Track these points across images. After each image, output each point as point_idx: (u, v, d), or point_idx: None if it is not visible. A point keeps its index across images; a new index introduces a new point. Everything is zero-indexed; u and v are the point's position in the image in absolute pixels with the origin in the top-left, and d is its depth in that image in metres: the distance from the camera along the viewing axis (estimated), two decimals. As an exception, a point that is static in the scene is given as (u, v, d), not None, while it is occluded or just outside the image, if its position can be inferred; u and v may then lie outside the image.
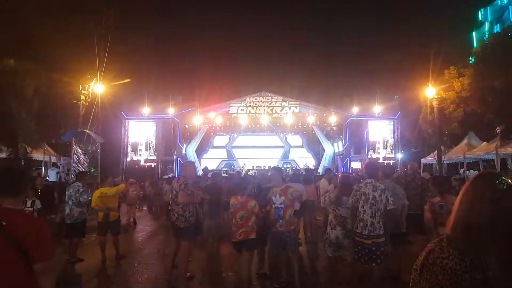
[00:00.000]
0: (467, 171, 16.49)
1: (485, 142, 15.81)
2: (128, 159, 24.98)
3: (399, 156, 26.19)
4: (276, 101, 27.80)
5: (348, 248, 4.79)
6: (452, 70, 20.18)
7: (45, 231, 2.20)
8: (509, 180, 1.34)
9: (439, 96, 17.50)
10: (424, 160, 20.35)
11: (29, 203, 6.44)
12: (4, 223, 1.97)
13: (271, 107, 27.73)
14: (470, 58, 23.61)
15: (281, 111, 27.80)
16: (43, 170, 15.59)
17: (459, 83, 19.49)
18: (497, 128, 15.87)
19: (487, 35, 31.80)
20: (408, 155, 25.99)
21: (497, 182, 1.34)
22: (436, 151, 17.66)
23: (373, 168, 5.26)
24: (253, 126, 29.59)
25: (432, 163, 19.48)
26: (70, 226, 7.10)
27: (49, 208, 9.41)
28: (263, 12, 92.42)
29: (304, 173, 17.35)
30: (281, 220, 5.12)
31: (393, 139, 26.89)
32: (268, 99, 27.77)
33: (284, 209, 5.11)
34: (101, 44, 15.93)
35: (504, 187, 1.32)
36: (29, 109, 13.44)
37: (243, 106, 27.63)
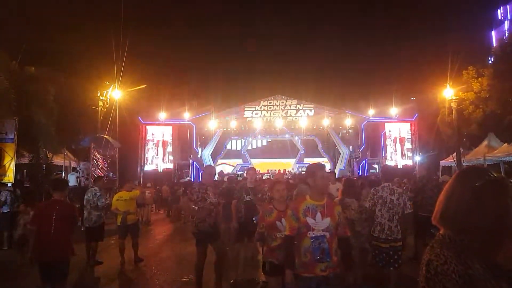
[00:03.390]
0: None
1: (506, 144, 15.39)
2: (146, 167, 25.23)
3: (417, 158, 25.74)
4: (291, 105, 27.77)
5: (355, 249, 4.71)
6: (470, 71, 19.77)
7: (76, 210, 4.78)
8: (496, 174, 1.38)
9: (457, 97, 17.14)
10: (443, 163, 19.92)
11: None
12: (57, 207, 4.30)
13: (285, 111, 27.72)
14: (489, 58, 23.10)
15: (295, 114, 27.75)
16: (63, 174, 15.95)
17: (478, 83, 19.07)
18: (518, 129, 15.46)
19: (506, 34, 31.05)
20: (426, 157, 25.52)
21: (480, 175, 1.38)
22: (455, 153, 17.29)
23: (389, 172, 5.21)
24: (268, 129, 29.63)
25: (451, 166, 19.06)
26: (88, 229, 7.24)
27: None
28: (277, 15, 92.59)
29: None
30: (327, 259, 3.00)
31: (410, 141, 26.45)
32: (282, 102, 27.78)
33: (329, 239, 3.03)
34: (119, 51, 16.27)
35: (487, 179, 1.35)
36: (50, 115, 13.78)
37: (258, 110, 27.71)
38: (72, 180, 15.72)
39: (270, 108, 27.71)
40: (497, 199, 1.31)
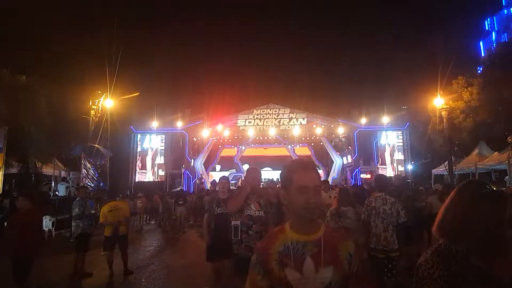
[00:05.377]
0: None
1: (496, 152, 15.56)
2: (137, 177, 24.91)
3: (409, 167, 25.88)
4: (284, 113, 27.84)
5: None
6: (460, 80, 20.05)
7: (40, 213, 6.65)
8: (493, 187, 1.45)
9: (448, 106, 17.34)
10: (435, 171, 20.06)
11: None
12: (33, 214, 5.31)
13: (278, 119, 27.78)
14: (478, 68, 23.49)
15: (288, 123, 27.81)
16: (53, 184, 15.71)
17: (467, 92, 19.33)
18: (509, 137, 15.64)
19: (494, 45, 31.64)
20: (418, 166, 25.67)
21: (479, 187, 1.45)
22: (446, 162, 17.42)
23: (382, 181, 5.20)
24: (261, 138, 29.61)
25: (443, 174, 19.19)
26: (73, 241, 7.12)
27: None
28: (270, 24, 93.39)
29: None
30: None
31: (402, 150, 26.60)
32: (275, 111, 27.85)
33: None
34: (111, 60, 16.20)
35: (484, 192, 1.41)
36: (40, 124, 13.64)
37: (251, 118, 27.73)
38: (61, 190, 15.49)
39: (263, 116, 27.75)
40: (492, 209, 1.34)
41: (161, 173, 25.14)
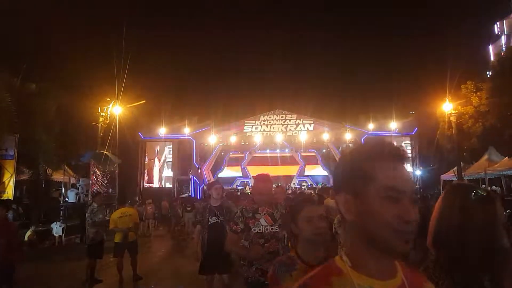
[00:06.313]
0: (489, 188, 16.01)
1: (506, 158, 15.36)
2: (145, 185, 25.02)
3: (418, 172, 25.66)
4: (291, 119, 27.84)
5: None
6: (469, 85, 19.87)
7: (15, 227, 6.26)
8: (483, 192, 1.40)
9: (456, 111, 17.20)
10: (444, 177, 19.85)
11: None
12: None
13: (285, 125, 27.77)
14: (487, 72, 23.30)
15: (295, 128, 27.79)
16: (62, 191, 15.87)
17: (476, 97, 19.14)
18: (519, 142, 15.45)
19: (503, 49, 31.41)
20: (426, 171, 25.45)
21: (468, 192, 1.40)
22: (455, 168, 17.25)
23: None
24: (268, 144, 29.60)
25: (452, 180, 18.99)
26: (88, 247, 7.17)
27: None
28: (276, 29, 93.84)
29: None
30: None
31: (411, 156, 26.37)
32: (282, 117, 27.86)
33: None
34: (120, 67, 16.39)
35: (475, 198, 1.37)
36: (50, 131, 13.80)
37: (258, 124, 27.76)
38: (71, 197, 15.65)
39: (270, 122, 27.78)
40: (486, 215, 1.33)
41: (169, 185, 25.14)
